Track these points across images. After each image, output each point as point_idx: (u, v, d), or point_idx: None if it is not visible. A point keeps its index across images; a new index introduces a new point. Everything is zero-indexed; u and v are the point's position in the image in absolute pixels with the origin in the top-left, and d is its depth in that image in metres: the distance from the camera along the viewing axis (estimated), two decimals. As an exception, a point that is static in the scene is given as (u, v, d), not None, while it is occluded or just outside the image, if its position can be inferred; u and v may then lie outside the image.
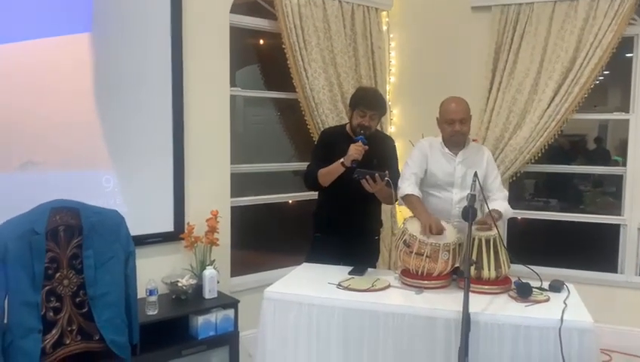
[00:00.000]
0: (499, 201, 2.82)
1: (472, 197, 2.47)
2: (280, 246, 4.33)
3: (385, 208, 4.23)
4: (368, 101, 3.02)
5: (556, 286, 2.53)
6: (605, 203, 5.23)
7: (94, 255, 2.46)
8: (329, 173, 3.00)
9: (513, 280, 2.58)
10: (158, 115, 3.24)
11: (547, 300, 2.39)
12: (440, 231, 2.60)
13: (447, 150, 2.89)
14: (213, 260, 3.35)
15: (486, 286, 2.50)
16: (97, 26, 3.01)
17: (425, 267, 2.54)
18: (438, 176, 2.89)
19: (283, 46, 3.74)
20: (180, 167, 3.33)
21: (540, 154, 4.00)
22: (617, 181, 4.51)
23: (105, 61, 3.04)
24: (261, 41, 4.27)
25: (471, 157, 2.90)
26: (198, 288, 3.22)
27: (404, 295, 2.51)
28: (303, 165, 4.12)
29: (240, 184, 3.84)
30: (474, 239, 2.53)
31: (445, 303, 2.37)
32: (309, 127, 3.90)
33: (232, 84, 3.69)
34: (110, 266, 2.51)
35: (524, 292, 2.39)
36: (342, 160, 2.90)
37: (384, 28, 4.30)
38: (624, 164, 4.04)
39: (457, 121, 2.80)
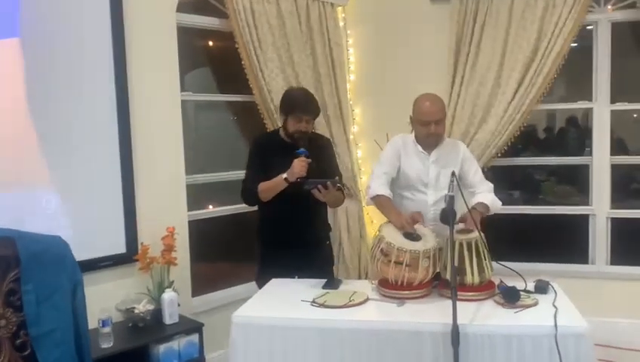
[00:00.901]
0: (484, 194, 2.67)
1: (450, 199, 2.31)
2: (243, 257, 4.08)
3: (352, 211, 4.07)
4: (303, 106, 2.83)
5: (542, 287, 2.40)
6: (564, 192, 5.22)
7: (36, 289, 2.15)
8: (271, 189, 2.80)
9: (496, 283, 2.44)
10: (101, 125, 2.94)
11: (536, 304, 2.25)
12: (416, 222, 2.47)
13: (420, 148, 2.73)
14: (172, 281, 3.08)
15: (470, 293, 2.34)
16: (27, 30, 2.69)
17: (405, 276, 2.36)
18: (410, 177, 2.73)
19: (236, 46, 3.50)
20: (129, 181, 3.04)
21: (506, 147, 3.90)
22: (572, 169, 4.49)
23: (38, 69, 2.72)
24: (210, 43, 4.02)
25: (444, 155, 2.75)
26: (157, 313, 2.95)
27: (385, 308, 2.32)
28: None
29: (195, 195, 3.58)
30: (453, 243, 2.37)
31: (430, 315, 2.20)
32: (268, 130, 3.67)
33: (182, 88, 3.42)
34: (55, 300, 2.20)
35: (511, 298, 2.24)
36: (285, 176, 2.72)
37: (341, 24, 4.11)
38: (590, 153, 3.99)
39: (433, 122, 2.63)
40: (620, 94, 3.90)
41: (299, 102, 2.84)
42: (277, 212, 2.86)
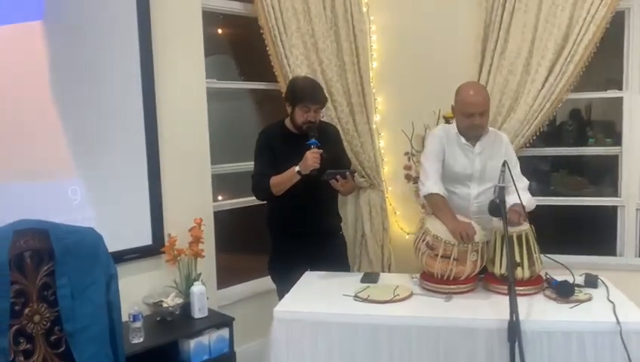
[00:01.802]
0: (520, 192, 2.57)
1: (500, 190, 2.23)
2: (264, 249, 3.98)
3: (375, 202, 3.98)
4: (311, 95, 2.74)
5: (592, 281, 2.33)
6: (575, 183, 5.14)
7: (70, 283, 2.07)
8: (283, 183, 2.71)
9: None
10: (127, 112, 2.83)
11: (590, 299, 2.18)
12: (472, 238, 2.34)
13: (463, 140, 2.62)
14: (199, 274, 2.99)
15: (520, 288, 2.24)
16: (51, 12, 2.57)
17: (452, 270, 2.27)
18: (455, 170, 2.63)
19: (261, 31, 3.39)
20: (155, 170, 2.94)
21: (534, 137, 3.81)
22: (581, 160, 4.40)
23: (62, 53, 2.60)
24: (219, 30, 3.90)
25: (489, 147, 2.64)
26: (186, 307, 2.86)
27: (433, 303, 2.24)
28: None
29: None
30: (503, 236, 2.28)
31: (482, 311, 2.13)
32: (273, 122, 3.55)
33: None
34: (90, 294, 2.12)
35: (565, 292, 2.16)
36: (297, 168, 2.63)
37: (364, 9, 3.99)
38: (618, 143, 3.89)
39: (477, 114, 2.52)
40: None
41: (306, 92, 2.75)
42: (288, 203, 2.77)
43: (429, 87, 3.94)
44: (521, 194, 2.55)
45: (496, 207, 2.21)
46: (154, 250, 2.94)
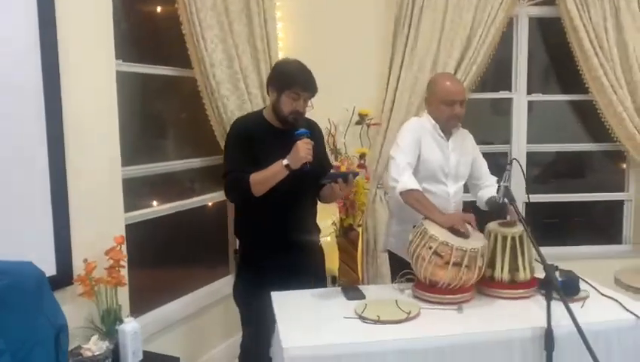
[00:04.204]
0: (492, 188, 2.51)
1: (505, 189, 2.13)
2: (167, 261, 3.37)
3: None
4: (304, 81, 2.38)
5: (574, 277, 2.34)
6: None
7: (8, 346, 1.39)
8: (267, 180, 2.29)
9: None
10: (24, 95, 2.08)
11: (588, 296, 2.18)
12: (472, 225, 2.23)
13: (439, 134, 2.47)
14: (120, 306, 2.35)
15: (521, 290, 2.19)
16: None
17: (462, 278, 2.09)
18: (432, 166, 2.47)
19: (176, 5, 2.83)
20: (60, 177, 2.21)
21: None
22: None
23: None
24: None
25: (460, 143, 2.56)
26: (115, 352, 2.21)
27: (449, 317, 2.02)
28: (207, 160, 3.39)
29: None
30: (505, 237, 2.19)
31: (508, 319, 1.99)
32: (207, 113, 3.05)
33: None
34: (35, 358, 1.46)
35: (571, 292, 2.13)
36: (285, 162, 2.26)
37: (270, -7, 3.61)
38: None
39: (458, 102, 2.42)
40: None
41: (298, 77, 2.37)
42: (263, 209, 2.37)
43: (338, 83, 3.72)
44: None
45: (502, 207, 2.11)
46: (60, 281, 2.21)
